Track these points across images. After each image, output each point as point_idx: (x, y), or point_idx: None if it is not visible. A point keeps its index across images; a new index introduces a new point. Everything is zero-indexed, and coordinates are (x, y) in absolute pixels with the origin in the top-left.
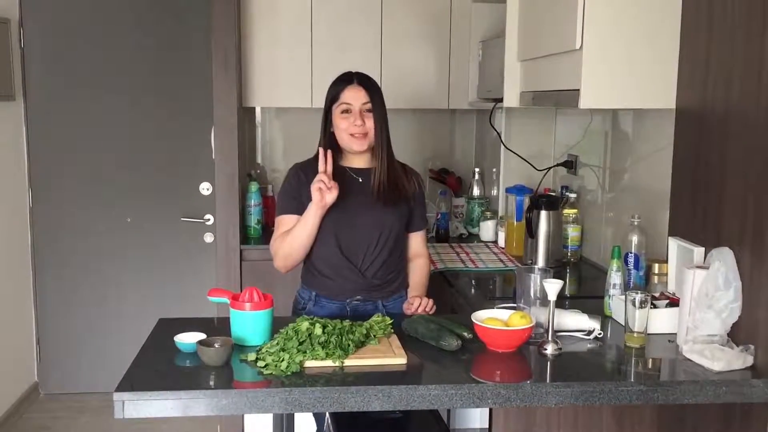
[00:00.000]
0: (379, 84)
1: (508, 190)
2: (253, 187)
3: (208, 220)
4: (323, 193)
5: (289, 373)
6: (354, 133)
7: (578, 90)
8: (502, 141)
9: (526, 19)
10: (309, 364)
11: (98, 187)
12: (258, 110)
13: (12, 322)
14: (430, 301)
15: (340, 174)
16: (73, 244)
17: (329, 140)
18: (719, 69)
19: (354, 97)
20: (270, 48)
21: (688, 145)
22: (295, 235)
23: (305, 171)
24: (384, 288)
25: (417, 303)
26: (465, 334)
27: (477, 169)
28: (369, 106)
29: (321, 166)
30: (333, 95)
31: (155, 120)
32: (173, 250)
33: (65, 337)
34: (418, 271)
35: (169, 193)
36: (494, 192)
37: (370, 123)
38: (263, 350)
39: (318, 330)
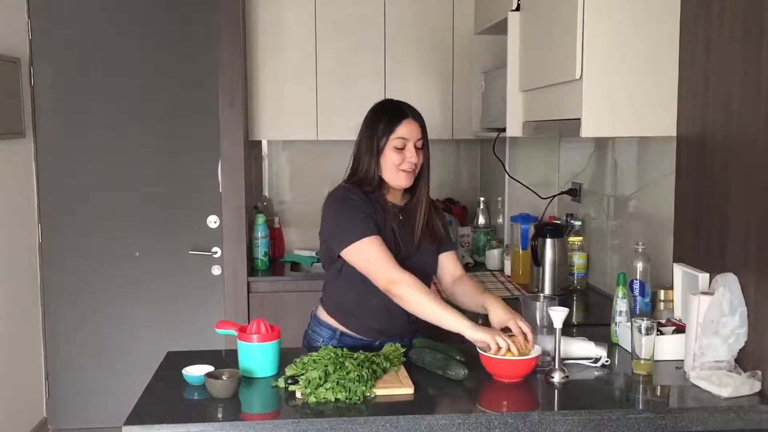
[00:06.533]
0: None
1: (513, 219)
2: (260, 219)
3: (216, 252)
4: (493, 345)
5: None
6: (406, 169)
7: (580, 119)
8: (506, 170)
9: (526, 50)
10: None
11: (107, 222)
12: (264, 143)
13: (21, 357)
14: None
15: (387, 210)
16: (82, 279)
17: (374, 172)
18: (718, 96)
19: (410, 132)
20: (276, 82)
21: (690, 172)
22: (432, 315)
23: (363, 193)
24: (417, 329)
25: (518, 330)
26: (457, 357)
27: (482, 199)
28: (422, 142)
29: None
30: (387, 128)
31: (163, 155)
32: (181, 283)
33: (74, 372)
34: (471, 286)
35: (176, 227)
36: (499, 221)
37: (421, 158)
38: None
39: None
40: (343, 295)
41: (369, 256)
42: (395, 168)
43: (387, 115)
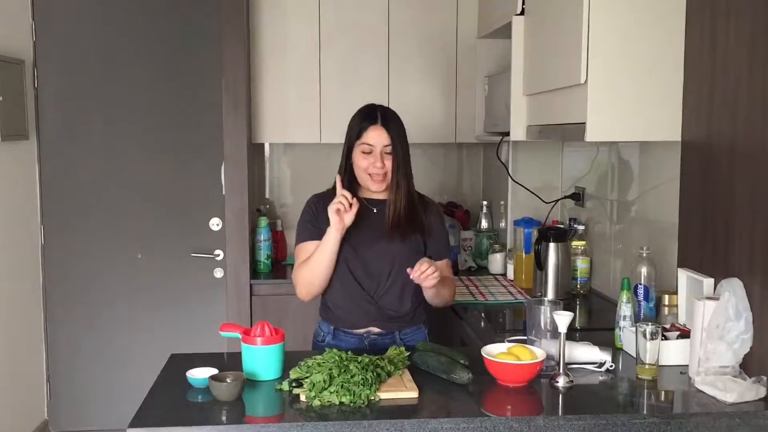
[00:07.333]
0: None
1: (516, 223)
2: (263, 222)
3: (218, 255)
4: (341, 214)
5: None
6: (373, 173)
7: (584, 123)
8: (509, 174)
9: (531, 54)
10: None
11: (109, 223)
12: (266, 146)
13: (23, 359)
14: (431, 268)
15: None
16: (84, 281)
17: (349, 172)
18: (724, 100)
19: (376, 138)
20: (279, 85)
21: (694, 177)
22: (314, 261)
23: (323, 200)
24: (400, 319)
25: (422, 266)
26: (461, 361)
27: (485, 202)
28: (390, 148)
29: (339, 189)
30: (356, 132)
31: (166, 157)
32: (184, 286)
33: (76, 374)
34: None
35: (179, 229)
36: (502, 225)
37: (389, 164)
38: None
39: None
40: (325, 291)
41: (296, 260)
42: (364, 171)
43: (359, 119)
